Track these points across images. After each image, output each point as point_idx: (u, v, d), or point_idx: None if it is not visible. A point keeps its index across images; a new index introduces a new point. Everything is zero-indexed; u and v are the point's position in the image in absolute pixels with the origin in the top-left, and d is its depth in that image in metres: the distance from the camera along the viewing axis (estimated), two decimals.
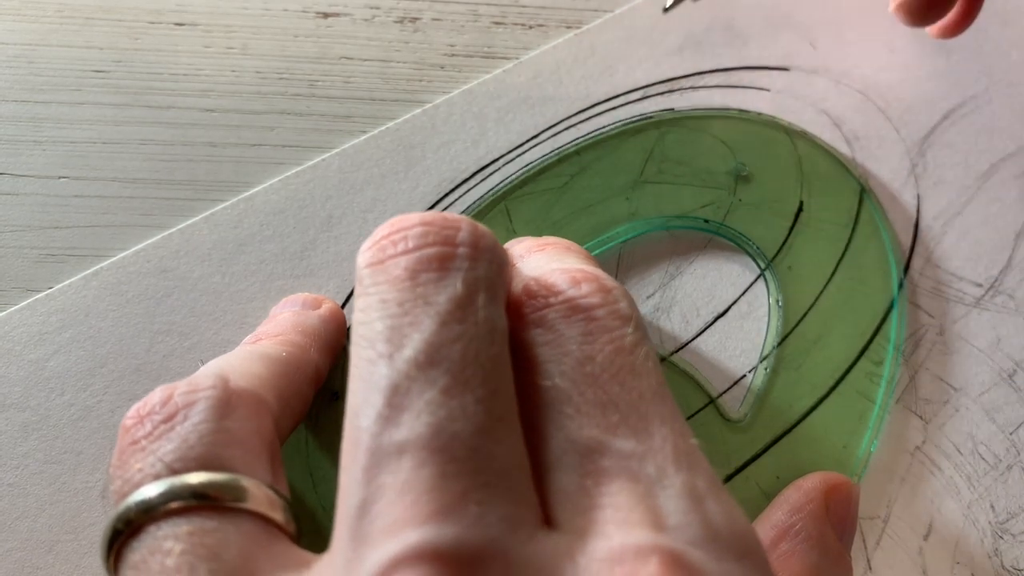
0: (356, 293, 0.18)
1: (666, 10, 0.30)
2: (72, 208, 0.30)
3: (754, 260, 0.29)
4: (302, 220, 0.29)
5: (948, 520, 0.27)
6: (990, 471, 0.28)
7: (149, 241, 0.29)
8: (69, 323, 0.27)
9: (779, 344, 0.28)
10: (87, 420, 0.27)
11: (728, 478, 0.27)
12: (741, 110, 0.32)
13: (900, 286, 0.29)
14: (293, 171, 0.30)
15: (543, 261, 0.22)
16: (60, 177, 0.30)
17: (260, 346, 0.23)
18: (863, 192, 0.30)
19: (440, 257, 0.18)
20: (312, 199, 0.29)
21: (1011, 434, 0.28)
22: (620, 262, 0.30)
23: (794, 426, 0.27)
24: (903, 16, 0.30)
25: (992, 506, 0.28)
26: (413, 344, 0.16)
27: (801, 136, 0.31)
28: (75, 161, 0.30)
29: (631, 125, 0.31)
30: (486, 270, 0.18)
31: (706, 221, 0.30)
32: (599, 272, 0.20)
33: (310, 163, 0.30)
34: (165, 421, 0.19)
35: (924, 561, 0.27)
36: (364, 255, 0.18)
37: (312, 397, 0.24)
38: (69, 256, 0.29)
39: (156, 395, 0.19)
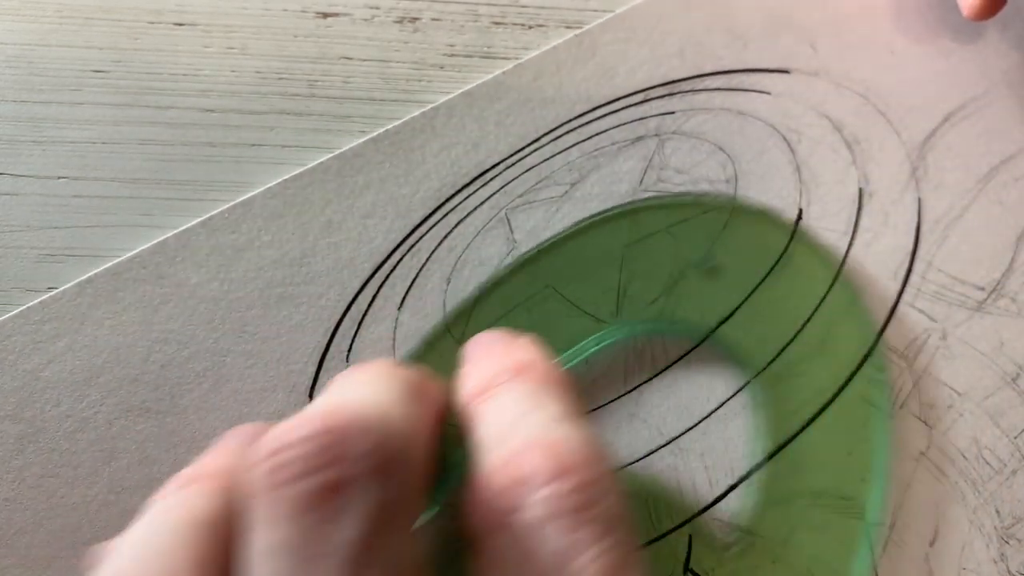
0: (252, 515, 0.16)
1: None
2: (71, 208, 0.29)
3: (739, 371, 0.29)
4: (301, 225, 0.29)
5: (954, 526, 0.27)
6: (995, 476, 0.28)
7: (145, 246, 0.28)
8: (64, 331, 0.27)
9: (758, 374, 0.28)
10: (84, 432, 0.26)
11: (731, 487, 0.27)
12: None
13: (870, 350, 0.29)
14: (292, 174, 0.29)
15: (520, 411, 0.19)
16: (59, 177, 0.29)
17: (182, 507, 0.19)
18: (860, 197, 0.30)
19: (335, 484, 0.15)
20: (311, 203, 0.29)
21: (1015, 438, 0.28)
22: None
23: (798, 433, 0.27)
24: (974, 15, 0.30)
25: (997, 511, 0.28)
26: None
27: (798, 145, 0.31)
28: (74, 161, 0.30)
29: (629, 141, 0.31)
30: (395, 488, 0.16)
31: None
32: (584, 450, 0.17)
33: (309, 166, 0.30)
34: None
35: (930, 567, 0.27)
36: (259, 468, 0.16)
37: None
38: (68, 256, 0.28)
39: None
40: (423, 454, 0.17)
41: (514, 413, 0.19)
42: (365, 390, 0.18)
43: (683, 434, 0.28)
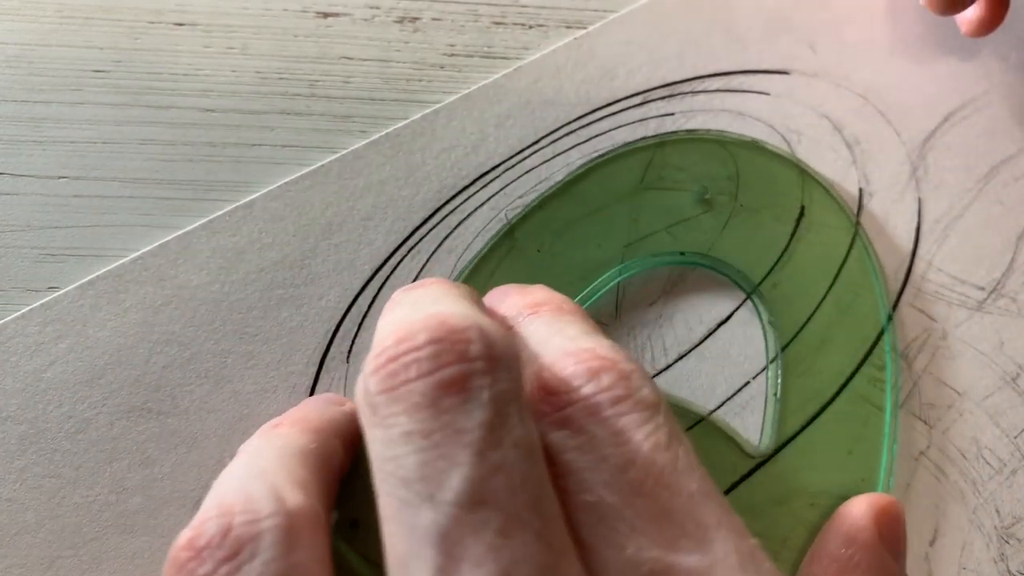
0: (370, 422, 0.17)
1: None
2: (72, 208, 0.29)
3: (739, 286, 0.29)
4: (302, 227, 0.29)
5: (954, 525, 0.27)
6: (995, 475, 0.28)
7: (146, 248, 0.28)
8: (66, 333, 0.27)
9: (783, 349, 0.28)
10: (86, 432, 0.26)
11: (733, 486, 0.27)
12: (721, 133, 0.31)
13: (889, 318, 0.29)
14: (292, 176, 0.30)
15: (545, 335, 0.21)
16: (60, 177, 0.29)
17: (287, 437, 0.21)
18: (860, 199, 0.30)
19: (460, 378, 0.16)
20: (311, 206, 0.29)
21: (1015, 438, 0.28)
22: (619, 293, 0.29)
23: (798, 433, 0.27)
24: (933, 6, 0.30)
25: (997, 510, 0.28)
26: (454, 483, 0.15)
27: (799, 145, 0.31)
28: (75, 161, 0.30)
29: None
30: (508, 381, 0.17)
31: (682, 254, 0.29)
32: (612, 353, 0.19)
33: (309, 168, 0.30)
34: (229, 559, 0.17)
35: (930, 567, 0.27)
36: (372, 379, 0.17)
37: (337, 494, 0.22)
38: (69, 256, 0.29)
39: (212, 525, 0.17)
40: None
41: (537, 340, 0.20)
42: (450, 302, 0.20)
43: (704, 419, 0.28)
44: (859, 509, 0.25)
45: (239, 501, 0.18)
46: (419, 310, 0.19)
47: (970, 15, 0.31)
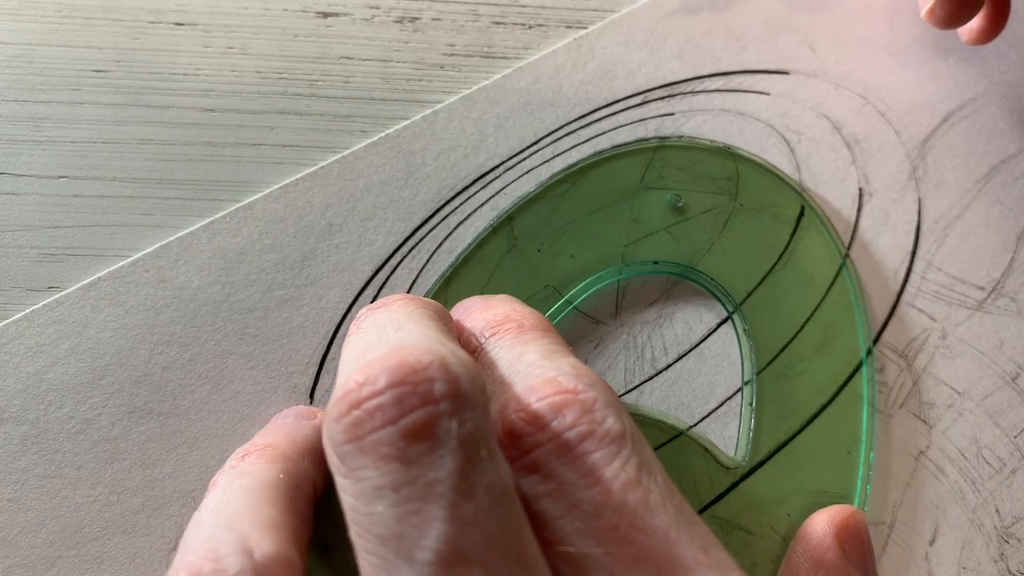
0: (339, 471, 0.17)
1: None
2: (72, 208, 0.29)
3: (722, 304, 0.29)
4: (302, 228, 0.29)
5: (954, 525, 0.27)
6: (995, 475, 0.28)
7: (147, 250, 0.28)
8: (67, 334, 0.27)
9: (758, 373, 0.28)
10: (87, 433, 0.26)
11: (724, 492, 0.27)
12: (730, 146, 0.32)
13: (869, 352, 0.29)
14: (292, 178, 0.30)
15: (507, 360, 0.20)
16: (60, 177, 0.30)
17: (253, 473, 0.21)
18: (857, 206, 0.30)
19: (425, 424, 0.16)
20: (312, 207, 0.29)
21: (1015, 437, 0.28)
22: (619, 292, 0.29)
23: (796, 434, 0.27)
24: (934, 21, 0.30)
25: (997, 510, 0.28)
26: (430, 542, 0.15)
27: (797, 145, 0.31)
28: (75, 161, 0.30)
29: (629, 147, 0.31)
30: (474, 420, 0.16)
31: (655, 263, 0.29)
32: (573, 382, 0.18)
33: (309, 169, 0.30)
34: None
35: (930, 567, 0.27)
36: (336, 428, 0.16)
37: (312, 518, 0.22)
38: (69, 256, 0.29)
39: None
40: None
41: (502, 367, 0.20)
42: (412, 328, 0.19)
43: (683, 433, 0.28)
44: (821, 528, 0.24)
45: (208, 561, 0.18)
46: (380, 341, 0.18)
47: (971, 24, 0.31)
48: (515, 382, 0.19)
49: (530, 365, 0.20)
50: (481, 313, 0.23)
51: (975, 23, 0.31)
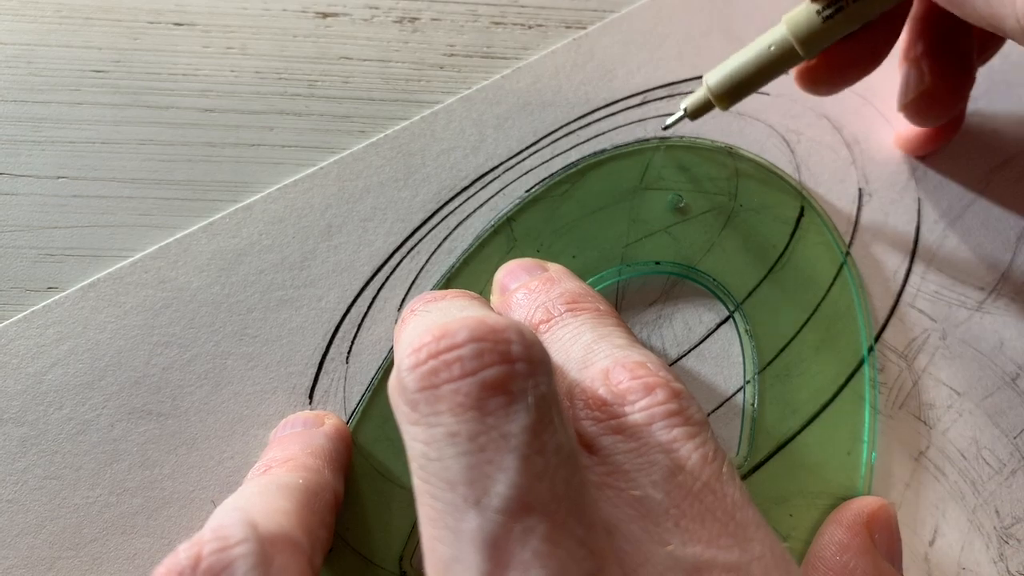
0: (409, 419, 0.17)
1: (666, 128, 0.30)
2: (71, 208, 0.29)
3: (723, 304, 0.29)
4: (301, 229, 0.29)
5: (953, 525, 0.27)
6: (995, 476, 0.28)
7: (147, 251, 0.28)
8: (67, 335, 0.27)
9: (759, 373, 0.28)
10: (86, 434, 0.26)
11: None
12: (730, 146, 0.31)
13: (870, 350, 0.29)
14: (291, 179, 0.30)
15: (590, 339, 0.21)
16: (59, 177, 0.30)
17: (274, 476, 0.22)
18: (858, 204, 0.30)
19: (504, 379, 0.16)
20: (311, 208, 0.29)
21: (1015, 438, 0.28)
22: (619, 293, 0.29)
23: (796, 434, 0.27)
24: (908, 116, 0.30)
25: (997, 511, 0.28)
26: (500, 488, 0.15)
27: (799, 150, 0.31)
28: (74, 161, 0.30)
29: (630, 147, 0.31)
30: (547, 384, 0.17)
31: (657, 263, 0.29)
32: (663, 371, 0.20)
33: (308, 170, 0.30)
34: None
35: (930, 567, 0.27)
36: (410, 376, 0.17)
37: (334, 524, 0.22)
38: (68, 256, 0.29)
39: (182, 554, 0.17)
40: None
41: (582, 343, 0.21)
42: (479, 307, 0.20)
43: None
44: (852, 514, 0.25)
45: (210, 531, 0.18)
46: (452, 314, 0.19)
47: (916, 132, 0.31)
48: (602, 358, 0.20)
49: (616, 347, 0.21)
50: (550, 285, 0.24)
51: (920, 132, 0.31)
